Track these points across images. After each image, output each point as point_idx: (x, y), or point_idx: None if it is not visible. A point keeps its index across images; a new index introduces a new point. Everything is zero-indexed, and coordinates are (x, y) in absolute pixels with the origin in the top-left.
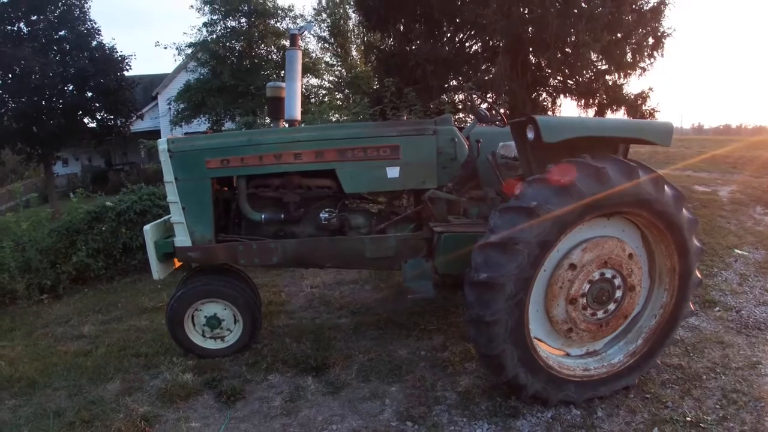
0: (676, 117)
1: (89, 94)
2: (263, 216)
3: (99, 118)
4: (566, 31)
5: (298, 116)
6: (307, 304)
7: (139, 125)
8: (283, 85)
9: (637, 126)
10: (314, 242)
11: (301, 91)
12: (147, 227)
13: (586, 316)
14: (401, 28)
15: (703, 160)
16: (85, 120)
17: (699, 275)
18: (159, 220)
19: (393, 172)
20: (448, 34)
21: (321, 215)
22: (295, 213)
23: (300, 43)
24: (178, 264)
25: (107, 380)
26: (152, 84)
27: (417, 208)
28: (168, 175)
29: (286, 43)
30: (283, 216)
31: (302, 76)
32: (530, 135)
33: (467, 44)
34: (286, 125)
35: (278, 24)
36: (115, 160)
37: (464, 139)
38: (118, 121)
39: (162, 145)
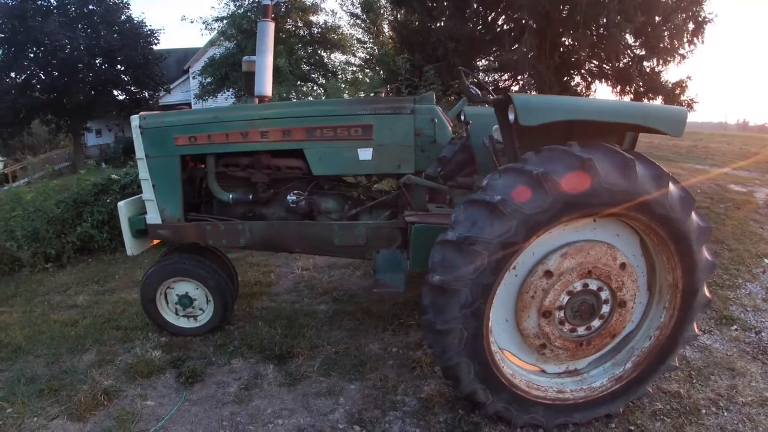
0: (721, 112)
1: (119, 67)
2: (231, 196)
3: (127, 91)
4: (597, 11)
5: (269, 92)
6: (293, 286)
7: (169, 98)
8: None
9: (641, 111)
10: (281, 225)
11: (331, 68)
12: (121, 203)
13: (563, 331)
14: (428, 3)
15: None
16: (115, 92)
17: (708, 294)
18: (134, 197)
19: (365, 153)
20: (478, 12)
21: (288, 198)
22: (264, 194)
23: (272, 14)
24: (156, 241)
25: (84, 351)
26: (186, 57)
27: (393, 194)
28: (139, 151)
29: (313, 18)
30: (251, 197)
31: (330, 52)
32: (511, 116)
33: (498, 22)
34: (257, 101)
35: None
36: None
37: (447, 120)
38: (146, 94)
39: (134, 121)
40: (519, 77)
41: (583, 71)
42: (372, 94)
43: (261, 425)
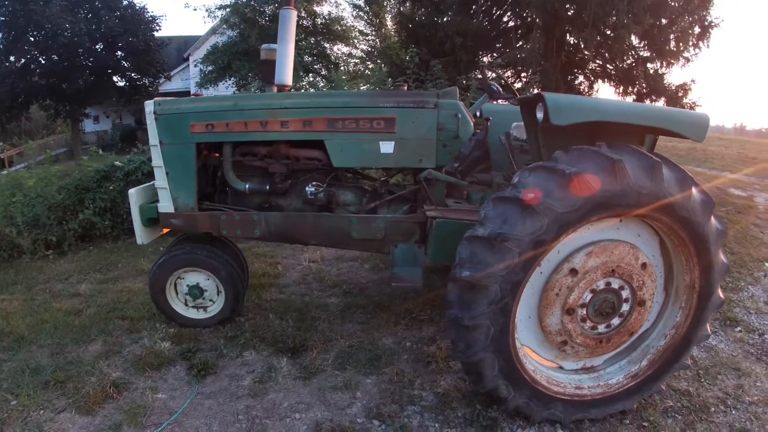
0: (718, 115)
1: (119, 53)
2: (247, 186)
3: (128, 77)
4: (606, 11)
5: (289, 81)
6: (301, 279)
7: (169, 86)
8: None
9: (666, 115)
10: (298, 217)
11: (333, 59)
12: (132, 191)
13: (584, 329)
14: None
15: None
16: (115, 78)
17: (721, 295)
18: (146, 184)
19: (387, 147)
20: (484, 8)
21: (307, 189)
22: (281, 185)
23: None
24: (166, 230)
25: (90, 341)
26: (186, 45)
27: (413, 188)
28: (153, 138)
29: (317, 9)
30: (268, 187)
31: (333, 43)
32: (539, 115)
33: (504, 19)
34: (276, 90)
35: None
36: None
37: (470, 115)
38: (146, 81)
39: (148, 106)
40: (523, 74)
41: (586, 71)
42: (394, 87)
43: (278, 419)
